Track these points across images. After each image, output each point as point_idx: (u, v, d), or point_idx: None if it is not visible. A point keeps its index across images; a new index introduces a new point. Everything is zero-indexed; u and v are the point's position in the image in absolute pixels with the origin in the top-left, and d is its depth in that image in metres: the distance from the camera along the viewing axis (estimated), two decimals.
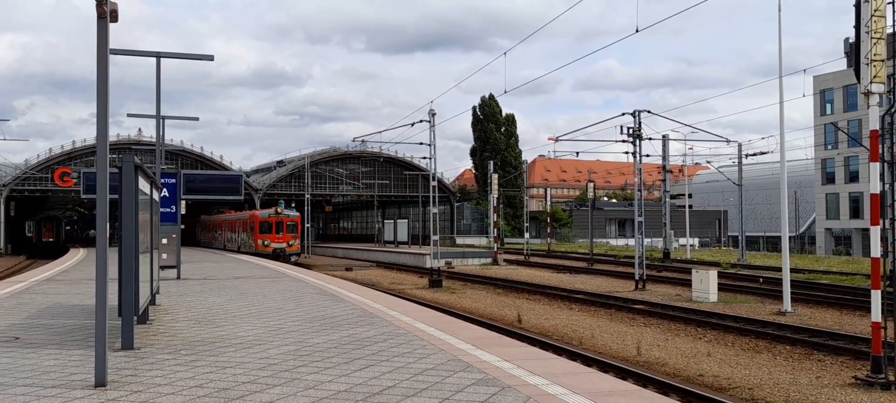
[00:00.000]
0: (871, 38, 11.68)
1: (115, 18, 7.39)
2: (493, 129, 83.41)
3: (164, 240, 21.19)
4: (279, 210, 46.95)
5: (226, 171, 60.59)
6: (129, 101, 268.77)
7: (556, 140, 37.04)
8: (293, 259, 44.09)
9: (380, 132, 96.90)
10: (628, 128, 30.69)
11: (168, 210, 21.89)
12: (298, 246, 48.07)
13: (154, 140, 26.06)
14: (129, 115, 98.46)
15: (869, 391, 11.63)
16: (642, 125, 30.48)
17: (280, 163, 79.83)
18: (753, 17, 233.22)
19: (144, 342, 9.77)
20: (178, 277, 21.65)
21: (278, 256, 42.30)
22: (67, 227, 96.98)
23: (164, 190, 21.52)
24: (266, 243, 44.78)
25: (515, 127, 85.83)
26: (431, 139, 34.45)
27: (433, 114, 33.92)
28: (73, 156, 62.51)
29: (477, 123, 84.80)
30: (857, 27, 11.89)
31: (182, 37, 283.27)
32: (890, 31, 12.11)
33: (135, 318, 9.35)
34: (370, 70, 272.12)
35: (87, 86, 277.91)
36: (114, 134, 66.04)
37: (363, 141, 54.93)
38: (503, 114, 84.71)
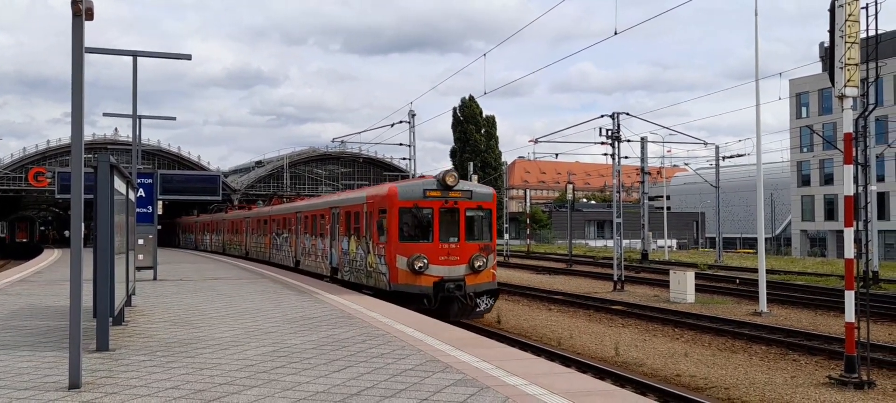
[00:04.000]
0: (846, 42, 11.84)
1: (90, 16, 7.31)
2: (473, 131, 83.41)
3: (141, 241, 21.00)
4: (450, 180, 17.93)
5: (203, 171, 60.12)
6: (104, 101, 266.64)
7: (536, 141, 37.28)
8: (485, 306, 18.30)
9: (359, 133, 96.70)
10: (607, 130, 30.91)
11: (145, 210, 21.70)
12: (494, 272, 18.47)
13: (130, 140, 25.78)
14: (105, 115, 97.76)
15: (842, 390, 11.80)
16: (621, 127, 30.70)
17: (259, 163, 79.48)
18: (726, 22, 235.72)
19: (120, 343, 9.67)
20: (155, 278, 21.45)
21: (448, 301, 17.42)
22: (42, 228, 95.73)
23: (141, 190, 21.33)
24: (420, 264, 17.26)
25: (495, 128, 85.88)
26: (411, 140, 34.41)
27: (413, 115, 33.90)
28: (48, 155, 61.84)
29: (457, 124, 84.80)
30: (832, 32, 12.05)
31: (158, 37, 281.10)
32: (863, 35, 12.28)
33: (110, 320, 9.25)
34: (347, 71, 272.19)
35: (61, 86, 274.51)
36: (89, 133, 65.39)
37: (342, 141, 54.81)
38: (483, 115, 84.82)
